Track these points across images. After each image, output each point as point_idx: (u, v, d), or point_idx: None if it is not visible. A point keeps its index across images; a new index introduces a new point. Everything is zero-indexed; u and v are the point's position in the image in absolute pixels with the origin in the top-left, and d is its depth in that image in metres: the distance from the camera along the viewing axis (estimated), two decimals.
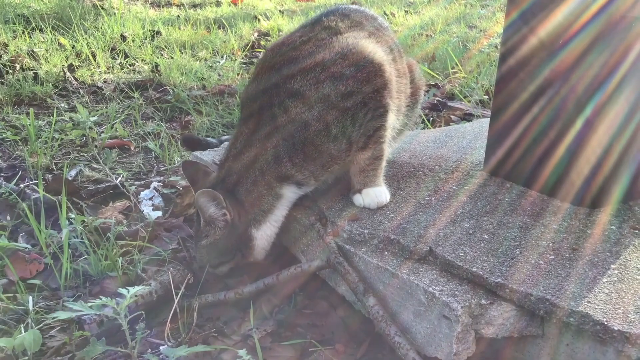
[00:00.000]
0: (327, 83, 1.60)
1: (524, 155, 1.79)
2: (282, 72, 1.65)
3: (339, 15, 1.81)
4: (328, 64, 1.62)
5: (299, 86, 1.61)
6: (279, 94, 1.63)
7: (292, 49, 1.70)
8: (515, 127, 1.80)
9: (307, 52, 1.67)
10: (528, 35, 1.72)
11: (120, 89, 3.40)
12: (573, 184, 1.67)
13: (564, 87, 1.64)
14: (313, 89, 1.60)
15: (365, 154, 1.69)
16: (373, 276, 1.49)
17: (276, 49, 1.76)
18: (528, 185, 1.79)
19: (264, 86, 1.68)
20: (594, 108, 1.58)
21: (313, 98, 1.60)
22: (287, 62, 1.67)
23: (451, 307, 1.29)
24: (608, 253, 1.44)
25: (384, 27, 1.90)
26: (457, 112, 3.26)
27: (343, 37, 1.70)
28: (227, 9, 6.01)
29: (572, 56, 1.61)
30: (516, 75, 1.78)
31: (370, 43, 1.72)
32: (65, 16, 4.63)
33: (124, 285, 1.65)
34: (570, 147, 1.65)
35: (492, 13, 6.14)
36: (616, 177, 1.65)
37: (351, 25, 1.78)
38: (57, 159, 2.51)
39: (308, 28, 1.78)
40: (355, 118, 1.63)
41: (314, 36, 1.72)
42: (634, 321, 1.19)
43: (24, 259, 1.79)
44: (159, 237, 1.93)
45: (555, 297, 1.27)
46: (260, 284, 1.61)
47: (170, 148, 2.64)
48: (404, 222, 1.60)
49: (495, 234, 1.53)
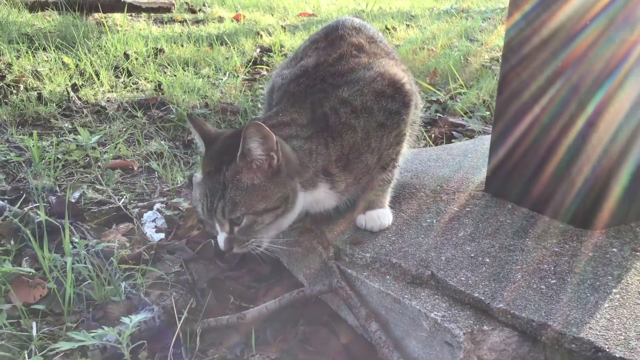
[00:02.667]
0: (369, 97, 1.71)
1: (526, 176, 1.80)
2: (327, 80, 1.74)
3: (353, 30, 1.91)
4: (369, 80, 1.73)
5: (347, 95, 1.69)
6: (329, 98, 1.69)
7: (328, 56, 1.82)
8: (517, 148, 1.81)
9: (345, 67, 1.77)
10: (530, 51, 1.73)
11: (123, 107, 3.42)
12: (576, 206, 1.67)
13: (566, 109, 1.65)
14: (359, 100, 1.69)
15: (382, 175, 1.76)
16: (375, 301, 1.49)
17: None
18: (530, 206, 1.80)
19: (309, 84, 1.75)
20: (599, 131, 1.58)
21: (359, 108, 1.69)
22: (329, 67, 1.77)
23: (453, 333, 1.29)
24: (609, 277, 1.44)
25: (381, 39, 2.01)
26: (459, 128, 3.26)
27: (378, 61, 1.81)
28: (230, 24, 6.05)
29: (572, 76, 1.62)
30: (517, 97, 1.78)
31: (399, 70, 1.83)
32: (68, 34, 4.67)
33: (127, 310, 1.67)
34: (572, 171, 1.66)
35: (493, 26, 6.16)
36: (619, 198, 1.65)
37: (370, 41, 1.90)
38: (61, 181, 2.52)
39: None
40: (389, 136, 1.73)
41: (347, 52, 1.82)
42: (635, 348, 1.19)
43: (28, 284, 1.79)
44: (162, 259, 1.93)
45: (557, 323, 1.27)
46: (262, 308, 1.61)
47: (173, 168, 2.66)
48: (406, 246, 1.61)
49: (497, 257, 1.53)
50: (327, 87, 1.72)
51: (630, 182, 1.64)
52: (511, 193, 1.84)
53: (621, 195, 1.64)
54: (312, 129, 1.66)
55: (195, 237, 2.09)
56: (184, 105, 3.43)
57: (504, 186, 1.87)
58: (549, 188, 1.73)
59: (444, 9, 7.40)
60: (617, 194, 1.64)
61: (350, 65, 1.77)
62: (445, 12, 7.20)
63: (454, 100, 3.77)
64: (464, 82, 4.02)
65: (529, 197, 1.79)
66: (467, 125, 3.26)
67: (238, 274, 1.90)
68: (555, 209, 1.72)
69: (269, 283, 1.85)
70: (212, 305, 1.73)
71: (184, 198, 2.33)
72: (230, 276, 1.88)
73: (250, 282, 1.87)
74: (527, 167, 1.78)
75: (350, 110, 1.68)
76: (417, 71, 4.49)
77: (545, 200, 1.74)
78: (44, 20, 5.27)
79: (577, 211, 1.67)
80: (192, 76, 4.00)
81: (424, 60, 4.75)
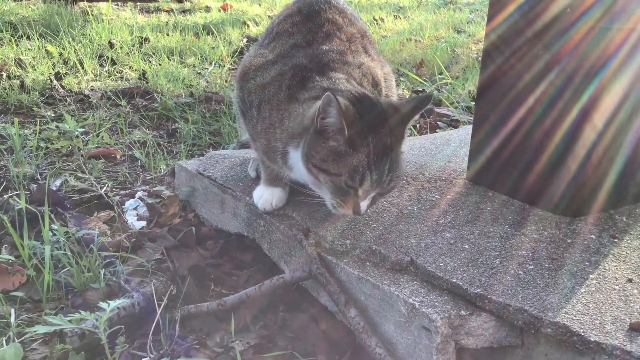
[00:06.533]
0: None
1: (506, 163, 1.80)
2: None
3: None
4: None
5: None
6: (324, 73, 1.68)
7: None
8: (497, 135, 1.81)
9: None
10: (510, 40, 1.74)
11: (107, 96, 3.39)
12: (555, 192, 1.68)
13: (546, 94, 1.65)
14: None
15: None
16: (355, 287, 1.49)
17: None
18: (510, 194, 1.81)
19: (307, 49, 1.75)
20: (579, 114, 1.59)
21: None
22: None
23: (431, 318, 1.29)
24: (587, 263, 1.45)
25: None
26: (444, 118, 3.27)
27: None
28: (217, 14, 6.01)
29: (553, 61, 1.62)
30: (497, 83, 1.79)
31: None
32: (53, 23, 4.62)
33: (107, 297, 1.66)
34: (552, 156, 1.67)
35: (480, 18, 6.16)
36: (598, 185, 1.67)
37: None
38: (43, 169, 2.50)
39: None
40: None
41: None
42: (610, 332, 1.20)
43: (7, 271, 1.78)
44: (143, 247, 1.92)
45: (534, 308, 1.27)
46: (242, 294, 1.61)
47: (157, 157, 2.64)
48: (386, 232, 1.61)
49: (476, 243, 1.54)
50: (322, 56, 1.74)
51: (611, 169, 1.66)
52: (491, 181, 1.85)
53: (603, 181, 1.66)
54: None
55: (177, 224, 2.08)
56: (169, 94, 3.41)
57: (484, 174, 1.87)
58: (528, 175, 1.73)
59: (432, 0, 7.40)
60: (601, 180, 1.65)
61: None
62: (434, 3, 7.20)
63: (439, 91, 3.77)
64: (451, 74, 4.03)
65: (509, 184, 1.80)
66: (452, 116, 3.27)
67: (219, 262, 1.90)
68: (535, 196, 1.73)
69: (251, 270, 1.85)
70: (193, 292, 1.73)
71: (166, 186, 2.32)
72: (211, 263, 1.88)
73: (232, 269, 1.87)
74: (505, 154, 1.79)
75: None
76: (404, 62, 4.49)
77: (525, 188, 1.75)
78: (29, 9, 5.21)
79: (561, 199, 1.68)
80: (177, 65, 3.97)
81: (411, 52, 4.75)
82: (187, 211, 2.16)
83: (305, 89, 1.65)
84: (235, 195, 1.91)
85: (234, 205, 1.91)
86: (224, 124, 3.01)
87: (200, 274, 1.80)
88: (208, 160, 2.19)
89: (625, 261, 1.47)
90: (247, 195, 1.87)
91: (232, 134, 2.91)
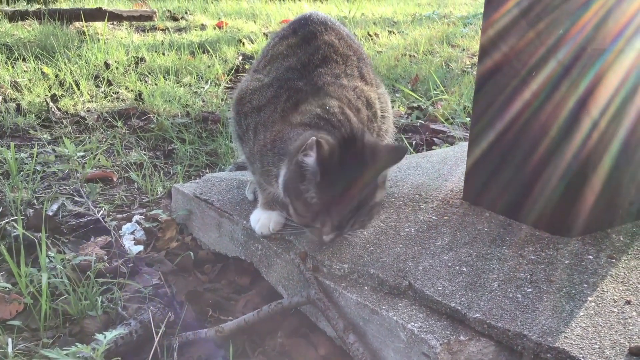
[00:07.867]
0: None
1: (503, 184, 1.81)
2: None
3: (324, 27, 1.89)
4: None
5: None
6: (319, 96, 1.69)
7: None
8: (493, 155, 1.82)
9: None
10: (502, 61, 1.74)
11: (103, 118, 3.40)
12: (551, 213, 1.68)
13: (541, 114, 1.66)
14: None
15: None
16: (353, 312, 1.48)
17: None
18: (507, 214, 1.81)
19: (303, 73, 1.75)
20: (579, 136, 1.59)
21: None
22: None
23: (430, 344, 1.29)
24: (585, 285, 1.45)
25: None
26: (440, 134, 3.28)
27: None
28: (212, 32, 6.04)
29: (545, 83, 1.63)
30: (492, 103, 1.79)
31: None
32: (48, 44, 4.64)
33: (104, 325, 1.65)
34: (546, 177, 1.67)
35: (474, 32, 6.20)
36: (595, 205, 1.67)
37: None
38: (39, 193, 2.49)
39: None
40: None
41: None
42: (610, 357, 1.20)
43: (4, 299, 1.77)
44: (140, 273, 1.92)
45: (533, 332, 1.27)
46: (240, 321, 1.60)
47: (153, 178, 2.64)
48: (384, 256, 1.61)
49: (474, 266, 1.54)
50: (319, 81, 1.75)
51: (605, 187, 1.66)
52: (488, 201, 1.85)
53: (597, 201, 1.66)
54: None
55: (174, 248, 2.07)
56: (165, 115, 3.42)
57: (481, 194, 1.88)
58: (524, 195, 1.74)
59: (426, 14, 7.45)
60: (592, 200, 1.65)
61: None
62: (428, 17, 7.25)
63: (434, 106, 3.78)
64: (445, 88, 4.04)
65: (505, 205, 1.80)
66: (448, 132, 3.28)
67: (217, 286, 1.89)
68: (532, 216, 1.73)
69: (249, 294, 1.84)
70: (191, 318, 1.72)
71: (163, 209, 2.31)
72: (209, 288, 1.87)
73: (230, 293, 1.86)
74: (502, 175, 1.79)
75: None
76: (399, 77, 4.51)
77: (522, 207, 1.75)
78: (24, 30, 5.23)
79: (558, 219, 1.68)
80: (173, 85, 3.99)
81: (406, 67, 4.77)
82: (185, 235, 2.15)
83: (298, 112, 1.66)
84: (232, 219, 1.90)
85: (231, 229, 1.91)
86: (221, 144, 3.01)
87: (198, 299, 1.79)
88: (205, 183, 2.19)
89: (623, 282, 1.47)
90: (244, 218, 1.86)
91: (229, 154, 2.92)
